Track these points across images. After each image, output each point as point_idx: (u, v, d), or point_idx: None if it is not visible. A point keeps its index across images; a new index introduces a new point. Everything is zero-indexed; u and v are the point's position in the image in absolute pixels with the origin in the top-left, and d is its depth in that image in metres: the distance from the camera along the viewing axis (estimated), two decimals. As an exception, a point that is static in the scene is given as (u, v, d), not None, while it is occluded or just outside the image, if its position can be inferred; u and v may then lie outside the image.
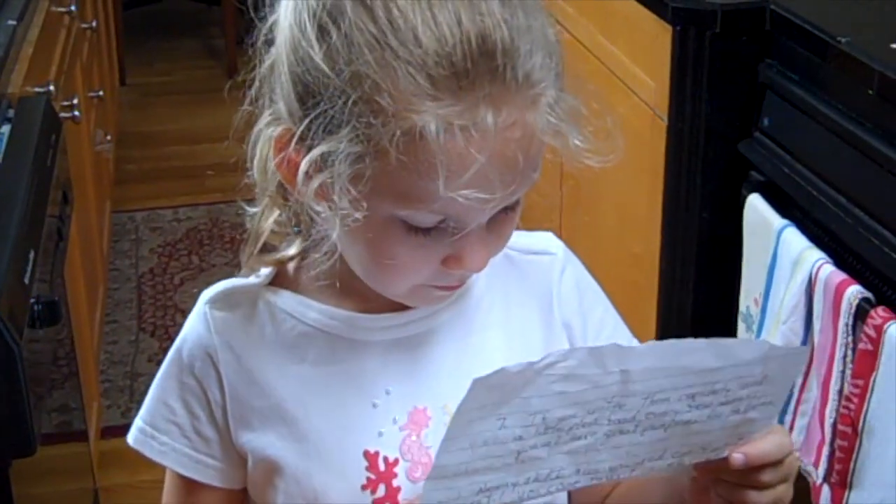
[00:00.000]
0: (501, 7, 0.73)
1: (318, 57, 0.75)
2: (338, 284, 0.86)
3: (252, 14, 0.84)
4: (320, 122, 0.75)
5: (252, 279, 0.91)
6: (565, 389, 0.71)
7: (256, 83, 0.84)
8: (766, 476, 0.80)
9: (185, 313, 0.92)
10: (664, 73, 1.80)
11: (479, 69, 0.72)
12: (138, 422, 0.93)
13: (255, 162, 0.85)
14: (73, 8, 2.22)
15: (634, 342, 0.96)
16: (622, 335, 0.96)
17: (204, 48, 4.63)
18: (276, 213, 0.88)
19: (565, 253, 0.95)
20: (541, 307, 0.93)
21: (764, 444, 0.79)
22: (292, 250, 0.90)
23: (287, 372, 0.88)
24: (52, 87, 1.71)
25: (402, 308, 0.88)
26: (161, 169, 3.61)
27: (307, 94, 0.76)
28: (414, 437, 0.87)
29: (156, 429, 0.92)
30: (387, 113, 0.72)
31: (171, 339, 0.93)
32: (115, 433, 2.36)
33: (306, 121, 0.76)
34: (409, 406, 0.88)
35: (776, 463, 0.80)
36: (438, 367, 0.89)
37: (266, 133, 0.83)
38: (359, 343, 0.88)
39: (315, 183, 0.77)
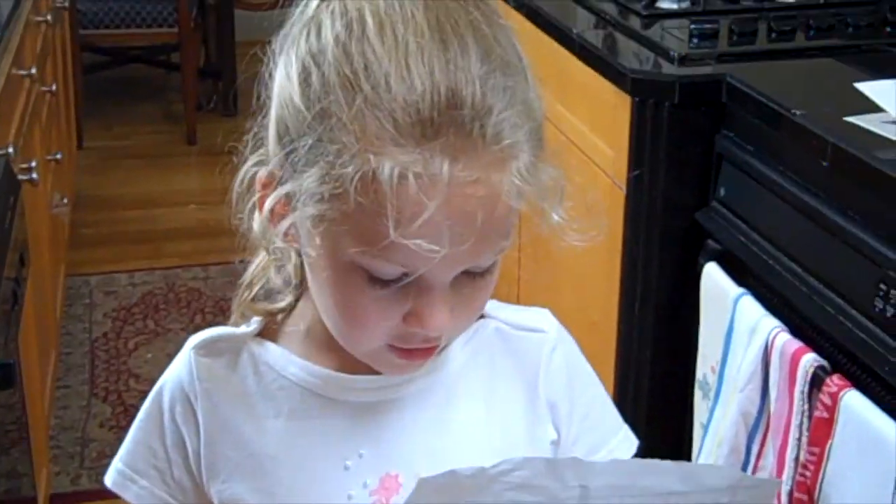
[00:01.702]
0: (480, 66, 0.74)
1: (296, 96, 0.76)
2: (315, 337, 0.86)
3: (210, 81, 0.85)
4: (291, 160, 0.77)
5: (241, 329, 0.91)
6: (520, 499, 0.68)
7: (253, 136, 0.85)
8: None
9: (138, 378, 0.92)
10: (623, 143, 1.82)
11: (444, 120, 0.72)
12: (118, 463, 0.92)
13: (247, 209, 0.85)
14: (33, 70, 2.22)
15: (623, 427, 0.95)
16: (609, 421, 0.95)
17: (163, 113, 4.63)
18: (265, 258, 0.89)
19: (559, 332, 0.94)
20: (526, 384, 0.91)
21: None
22: (283, 303, 0.90)
23: (263, 425, 0.88)
24: (10, 150, 1.70)
25: (379, 371, 0.87)
26: (117, 233, 3.59)
27: (286, 132, 0.78)
28: (383, 503, 0.86)
29: (136, 471, 0.91)
30: (349, 153, 0.72)
31: (124, 405, 0.92)
32: (64, 501, 2.32)
33: (281, 157, 0.78)
34: (381, 471, 0.87)
35: None
36: (411, 435, 0.88)
37: (251, 174, 0.83)
38: (335, 402, 0.88)
39: (284, 224, 0.78)
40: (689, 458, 1.73)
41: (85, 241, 3.45)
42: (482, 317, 0.91)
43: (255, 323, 0.91)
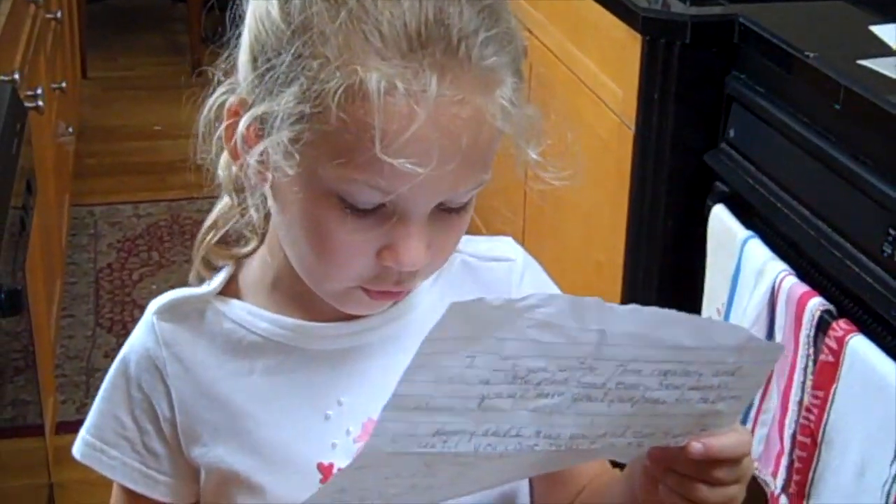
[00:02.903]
0: None
1: (274, 11, 0.74)
2: (298, 287, 0.83)
3: (216, 12, 0.83)
4: (265, 82, 0.74)
5: (202, 288, 0.89)
6: (540, 338, 0.68)
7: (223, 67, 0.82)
8: (721, 472, 0.78)
9: (143, 309, 0.90)
10: (632, 82, 1.81)
11: (430, 35, 0.71)
12: (84, 435, 0.90)
13: (213, 142, 0.83)
14: (39, -3, 2.20)
15: None
16: None
17: (167, 44, 4.60)
18: (230, 201, 0.86)
19: (525, 259, 0.93)
20: None
21: (725, 439, 0.77)
22: (248, 248, 0.88)
23: (237, 384, 0.86)
24: (17, 76, 1.69)
25: (352, 317, 0.86)
26: (121, 163, 3.58)
27: (261, 51, 0.75)
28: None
29: (105, 442, 0.89)
30: (332, 66, 0.71)
31: (128, 335, 0.91)
32: (70, 429, 2.31)
33: (255, 79, 0.75)
34: (363, 417, 0.86)
35: (733, 461, 0.78)
36: (392, 378, 0.86)
37: (219, 103, 0.81)
38: (309, 353, 0.86)
39: (256, 150, 0.75)
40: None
41: (89, 171, 3.44)
42: None
43: (215, 281, 0.88)
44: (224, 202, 0.88)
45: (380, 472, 0.72)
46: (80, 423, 0.92)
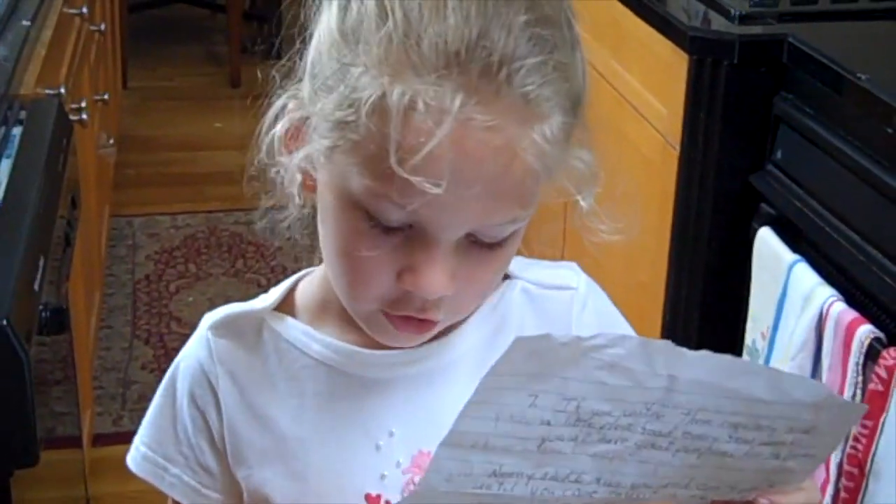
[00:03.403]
0: (520, 16, 0.71)
1: (333, 23, 0.74)
2: (335, 310, 0.83)
3: (255, 23, 0.83)
4: (317, 85, 0.75)
5: (258, 303, 0.88)
6: (606, 380, 0.66)
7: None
8: None
9: (180, 321, 0.90)
10: (678, 102, 1.79)
11: (469, 56, 0.69)
12: (141, 447, 0.90)
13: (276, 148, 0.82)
14: (84, 10, 2.21)
15: None
16: None
17: (207, 55, 4.62)
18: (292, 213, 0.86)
19: (588, 286, 0.90)
20: None
21: (793, 499, 0.75)
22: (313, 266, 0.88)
23: (287, 407, 0.85)
24: (63, 90, 1.69)
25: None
26: (160, 174, 3.60)
27: (317, 58, 0.76)
28: (417, 481, 0.83)
29: (167, 459, 0.89)
30: (367, 76, 0.71)
31: (166, 348, 0.90)
32: (107, 441, 2.34)
33: (308, 84, 0.76)
34: (414, 449, 0.84)
35: None
36: (446, 409, 0.81)
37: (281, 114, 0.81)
38: (362, 379, 0.84)
39: (298, 156, 0.76)
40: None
41: (128, 181, 3.45)
42: (507, 277, 0.87)
43: (272, 296, 0.88)
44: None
45: None
46: (116, 435, 0.92)
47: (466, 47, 0.69)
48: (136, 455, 0.90)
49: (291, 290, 0.89)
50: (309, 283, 0.89)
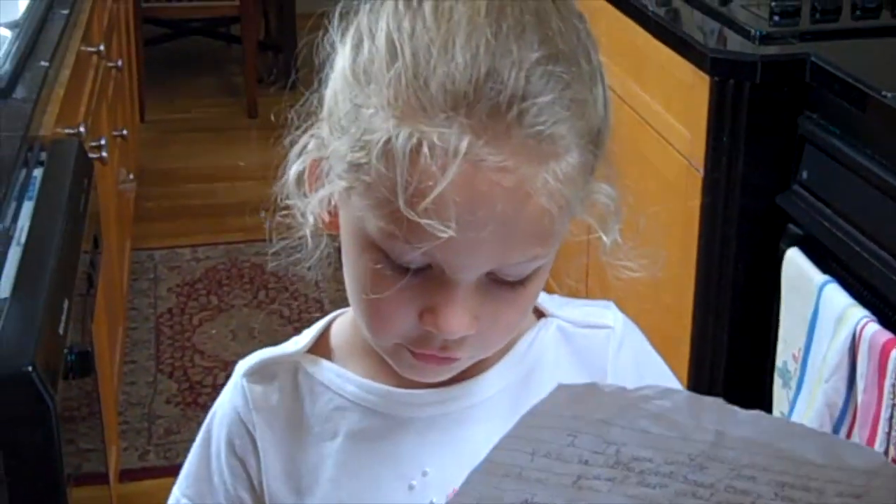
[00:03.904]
0: (533, 53, 0.69)
1: (347, 63, 0.74)
2: (368, 350, 0.82)
3: (271, 54, 0.83)
4: (333, 126, 0.74)
5: (291, 347, 0.88)
6: (651, 429, 0.65)
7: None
8: None
9: (203, 354, 0.90)
10: (700, 124, 1.77)
11: (478, 97, 0.68)
12: (182, 500, 0.90)
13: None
14: (101, 47, 2.21)
15: None
16: None
17: (224, 86, 4.64)
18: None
19: (624, 326, 0.88)
20: None
21: None
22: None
23: (321, 448, 0.85)
24: (82, 129, 1.69)
25: (440, 384, 0.83)
26: (180, 206, 3.60)
27: (332, 98, 0.75)
28: None
29: None
30: (378, 118, 0.70)
31: (190, 381, 0.90)
32: (133, 476, 2.33)
33: (326, 125, 0.75)
34: (448, 488, 0.82)
35: None
36: (481, 448, 0.82)
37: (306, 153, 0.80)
38: (396, 419, 0.84)
39: (318, 195, 0.76)
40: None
41: (148, 214, 3.46)
42: (542, 315, 0.86)
43: (305, 338, 0.87)
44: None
45: None
46: (143, 470, 0.92)
47: (475, 87, 0.68)
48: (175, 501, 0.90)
49: (325, 332, 0.88)
50: (342, 323, 0.89)
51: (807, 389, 1.56)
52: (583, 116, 0.71)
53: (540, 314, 0.86)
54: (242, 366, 0.88)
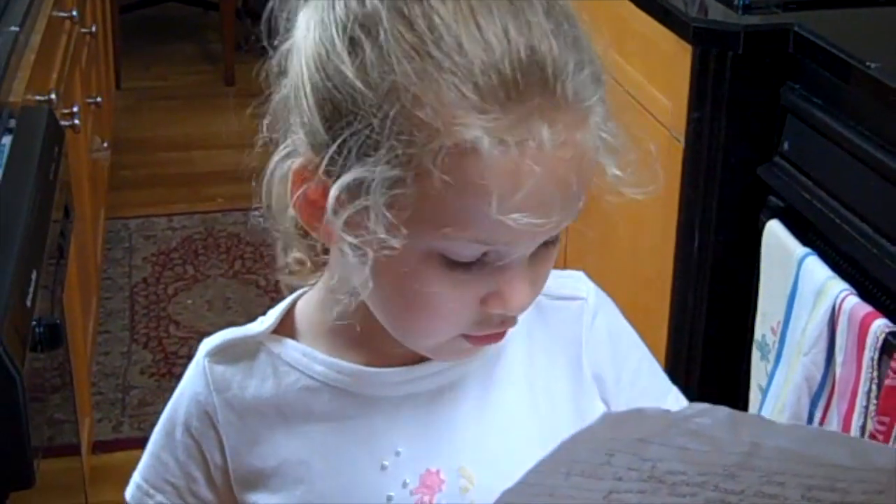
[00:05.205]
0: (547, 20, 0.69)
1: (349, 71, 0.69)
2: (358, 328, 0.79)
3: (249, 21, 0.79)
4: (352, 144, 0.69)
5: (256, 327, 0.85)
6: (687, 445, 0.65)
7: (269, 117, 0.78)
8: None
9: (178, 325, 0.88)
10: (682, 94, 1.76)
11: (529, 80, 0.67)
12: (136, 477, 0.89)
13: (273, 201, 0.78)
14: (74, 12, 2.17)
15: (672, 390, 0.90)
16: (658, 385, 0.90)
17: (201, 53, 4.59)
18: (294, 253, 0.84)
19: (597, 297, 0.88)
20: (568, 359, 0.86)
21: None
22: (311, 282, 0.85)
23: (290, 430, 0.83)
24: (53, 96, 1.66)
25: (412, 361, 0.81)
26: (156, 175, 3.56)
27: (336, 115, 0.70)
28: (426, 501, 0.81)
29: (152, 486, 0.87)
30: (430, 128, 0.66)
31: (165, 352, 0.89)
32: (107, 448, 2.31)
33: (335, 145, 0.70)
34: (422, 468, 0.82)
35: None
36: (454, 426, 0.82)
37: (282, 168, 0.76)
38: (367, 399, 0.82)
39: (346, 213, 0.70)
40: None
41: (123, 183, 3.42)
42: None
43: (270, 318, 0.85)
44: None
45: None
46: (116, 442, 0.91)
47: (521, 71, 0.67)
48: (131, 485, 0.89)
49: (289, 311, 0.86)
50: (306, 303, 0.86)
51: (785, 362, 1.55)
52: (593, 64, 0.71)
53: None
54: (205, 346, 0.86)
